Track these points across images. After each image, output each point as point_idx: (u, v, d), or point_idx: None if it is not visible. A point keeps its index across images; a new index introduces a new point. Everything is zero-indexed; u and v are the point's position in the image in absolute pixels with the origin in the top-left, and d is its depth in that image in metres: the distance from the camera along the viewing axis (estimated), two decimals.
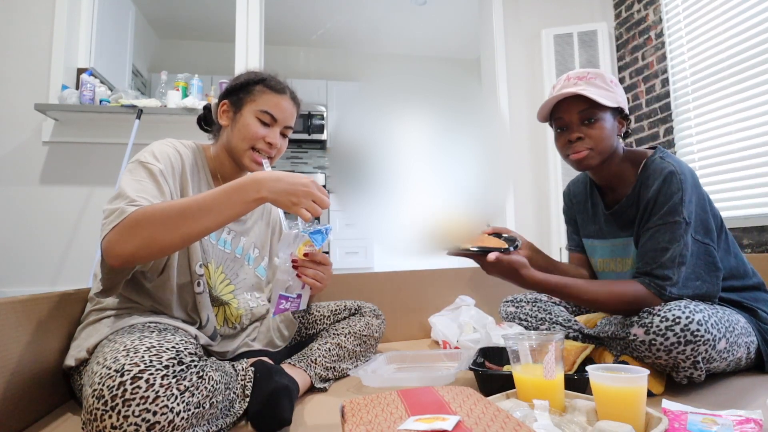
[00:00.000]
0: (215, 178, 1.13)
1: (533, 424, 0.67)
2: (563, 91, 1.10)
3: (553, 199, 2.86)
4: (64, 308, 1.03)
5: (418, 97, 1.16)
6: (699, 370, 0.94)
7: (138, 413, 0.65)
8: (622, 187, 1.17)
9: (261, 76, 1.13)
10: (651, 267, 1.03)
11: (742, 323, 1.02)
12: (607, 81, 1.11)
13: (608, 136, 1.11)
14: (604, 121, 1.10)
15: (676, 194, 1.02)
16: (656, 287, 1.01)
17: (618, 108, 1.12)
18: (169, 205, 0.82)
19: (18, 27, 2.44)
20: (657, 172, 1.07)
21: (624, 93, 1.16)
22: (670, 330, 0.92)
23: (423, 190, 1.15)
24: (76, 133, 2.47)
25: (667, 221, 1.03)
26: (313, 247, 0.95)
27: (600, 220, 1.25)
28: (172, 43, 4.52)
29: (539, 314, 1.29)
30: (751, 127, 2.08)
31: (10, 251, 2.35)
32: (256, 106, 1.08)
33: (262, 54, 2.75)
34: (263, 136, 1.08)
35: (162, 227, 0.81)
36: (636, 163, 1.15)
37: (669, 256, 1.01)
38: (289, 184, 0.85)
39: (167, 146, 1.02)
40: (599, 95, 1.08)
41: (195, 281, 1.02)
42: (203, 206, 0.82)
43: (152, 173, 0.94)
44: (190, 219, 0.82)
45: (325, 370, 1.13)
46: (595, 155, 1.11)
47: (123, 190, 0.88)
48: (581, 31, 2.91)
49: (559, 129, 1.16)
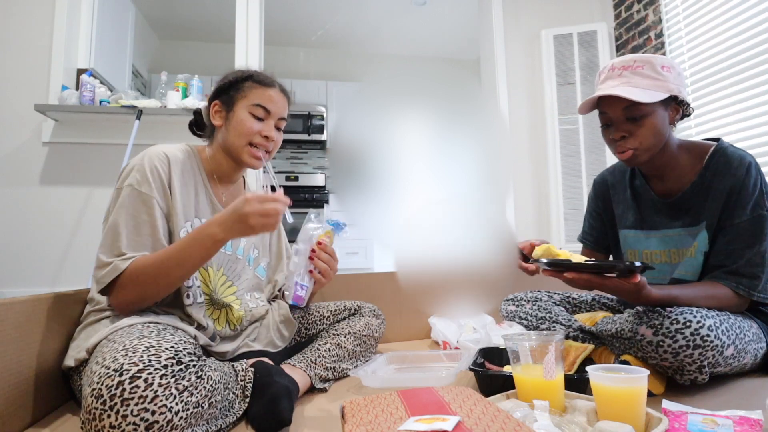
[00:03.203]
0: (211, 179, 1.13)
1: (533, 424, 0.67)
2: (602, 89, 1.03)
3: (553, 199, 2.86)
4: (63, 309, 1.03)
5: (417, 97, 1.16)
6: (703, 374, 0.94)
7: (137, 413, 0.65)
8: (679, 176, 1.10)
9: (248, 72, 1.13)
10: (737, 265, 1.00)
11: (754, 330, 1.01)
12: (657, 68, 1.01)
13: (657, 132, 1.02)
14: (652, 117, 1.01)
15: (760, 185, 0.99)
16: (744, 289, 0.99)
17: (671, 96, 1.02)
18: (158, 261, 0.91)
19: (18, 27, 2.44)
20: (735, 161, 1.02)
21: (680, 75, 1.04)
22: (680, 333, 0.91)
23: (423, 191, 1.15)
24: (76, 134, 2.47)
25: (753, 215, 0.99)
26: (329, 238, 1.04)
27: (646, 209, 1.18)
28: (172, 43, 4.52)
29: (539, 313, 1.29)
30: (750, 127, 2.08)
31: (10, 251, 2.35)
32: (247, 101, 1.08)
33: (262, 55, 2.75)
34: (259, 130, 1.08)
35: (153, 283, 0.91)
36: (695, 152, 1.09)
37: (758, 252, 0.98)
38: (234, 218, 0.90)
39: (157, 160, 1.00)
40: (643, 91, 0.99)
41: (184, 293, 1.01)
42: (182, 258, 0.91)
43: (148, 204, 0.96)
44: (174, 270, 0.91)
45: (325, 371, 1.13)
46: (643, 153, 1.04)
47: (118, 233, 0.93)
48: (581, 32, 2.91)
49: (604, 124, 1.10)
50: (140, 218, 0.95)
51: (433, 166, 1.14)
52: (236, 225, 0.89)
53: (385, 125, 1.14)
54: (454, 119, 1.15)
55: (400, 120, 1.15)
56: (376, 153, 1.14)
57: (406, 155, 1.16)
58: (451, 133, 1.14)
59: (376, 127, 1.14)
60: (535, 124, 3.01)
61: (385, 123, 1.14)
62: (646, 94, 0.99)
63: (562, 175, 2.83)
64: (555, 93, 2.88)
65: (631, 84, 1.01)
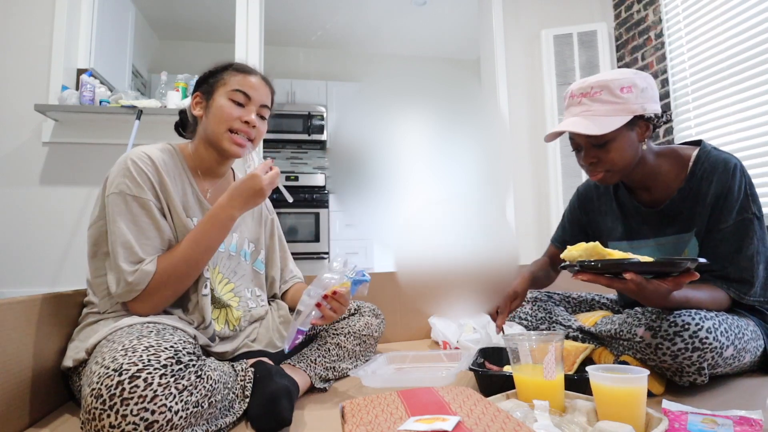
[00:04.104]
0: (195, 175, 1.10)
1: (533, 424, 0.67)
2: (561, 126, 1.04)
3: (553, 199, 2.86)
4: (63, 309, 1.03)
5: (417, 97, 1.16)
6: (703, 376, 0.93)
7: (136, 412, 0.65)
8: (663, 185, 1.10)
9: (228, 62, 1.13)
10: (727, 270, 1.00)
11: (751, 328, 1.01)
12: (615, 91, 1.00)
13: (625, 155, 1.03)
14: (617, 141, 1.01)
15: (744, 187, 0.99)
16: (736, 293, 0.99)
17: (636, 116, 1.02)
18: (185, 253, 0.96)
19: (18, 27, 2.44)
20: (720, 164, 1.01)
21: (645, 90, 1.01)
22: (679, 336, 0.90)
23: (423, 191, 1.15)
24: (76, 134, 2.47)
25: (738, 219, 0.99)
26: (346, 289, 1.00)
27: (633, 220, 1.18)
28: (172, 43, 4.52)
29: (539, 313, 1.29)
30: (750, 127, 2.08)
31: (10, 252, 2.35)
32: (227, 88, 1.07)
33: (261, 55, 2.75)
34: (239, 116, 1.06)
35: (185, 276, 0.96)
36: (676, 159, 1.08)
37: (745, 256, 0.98)
38: (250, 193, 0.98)
39: (141, 162, 0.98)
40: (601, 120, 0.98)
41: (202, 283, 1.01)
42: (202, 246, 0.97)
43: (145, 207, 0.96)
44: (203, 256, 0.97)
45: (325, 370, 1.13)
46: (615, 174, 1.05)
47: (127, 241, 0.93)
48: (581, 32, 2.91)
49: (574, 149, 1.11)
50: (141, 222, 0.95)
51: (433, 166, 1.14)
52: (251, 199, 0.98)
53: (385, 125, 1.14)
54: (454, 119, 1.15)
55: (400, 120, 1.15)
56: (376, 153, 1.14)
57: (406, 155, 1.16)
58: (451, 133, 1.15)
59: (376, 127, 1.14)
60: (535, 124, 3.00)
61: (385, 123, 1.14)
62: (604, 123, 0.98)
63: (562, 175, 2.83)
64: (555, 93, 2.88)
65: (591, 113, 1.01)
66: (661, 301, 0.89)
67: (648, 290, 0.84)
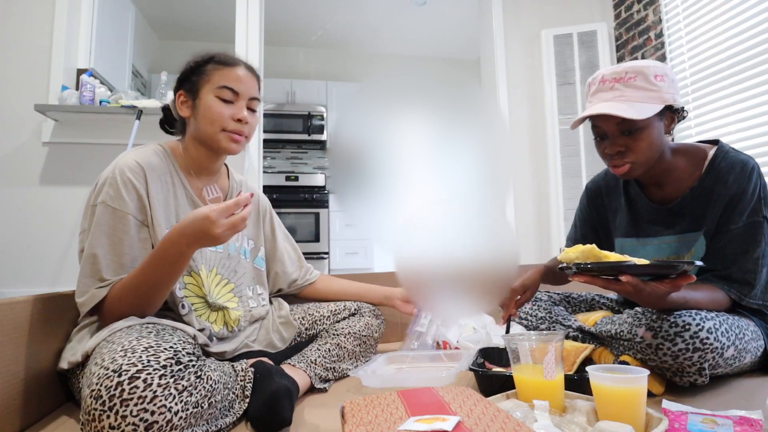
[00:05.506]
0: (188, 174, 1.08)
1: (533, 424, 0.67)
2: (594, 104, 1.00)
3: (553, 199, 2.86)
4: (63, 309, 1.02)
5: (417, 97, 1.16)
6: (703, 377, 0.93)
7: (136, 413, 0.65)
8: (676, 182, 1.08)
9: (209, 54, 1.07)
10: (730, 270, 0.99)
11: (751, 328, 1.00)
12: (650, 78, 0.96)
13: (654, 145, 1.00)
14: (648, 130, 0.98)
15: (759, 190, 0.99)
16: (736, 294, 0.99)
17: (666, 106, 0.99)
18: (134, 284, 0.89)
19: (18, 27, 2.44)
20: (737, 165, 1.00)
21: (674, 81, 1.00)
22: (679, 336, 0.90)
23: (423, 191, 1.15)
24: (76, 134, 2.47)
25: (749, 221, 0.99)
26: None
27: (641, 217, 1.16)
28: (173, 43, 4.52)
29: (539, 313, 1.29)
30: (750, 127, 2.08)
31: (10, 252, 2.35)
32: (212, 84, 1.03)
33: (262, 55, 2.75)
34: (230, 114, 1.02)
35: (136, 305, 0.90)
36: (692, 156, 1.07)
37: (751, 258, 0.98)
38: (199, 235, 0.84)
39: (129, 171, 0.95)
40: (637, 105, 0.95)
41: (179, 304, 1.00)
42: (151, 281, 0.89)
43: (123, 222, 0.93)
44: (153, 289, 0.90)
45: (325, 371, 1.13)
46: (639, 167, 1.02)
47: (95, 256, 0.91)
48: (581, 32, 2.91)
49: (597, 137, 1.07)
50: (116, 236, 0.93)
51: (433, 166, 1.14)
52: (203, 240, 0.85)
53: (385, 125, 1.14)
54: (454, 119, 1.15)
55: (400, 120, 1.15)
56: (376, 153, 1.14)
57: (406, 155, 1.16)
58: (451, 133, 1.14)
59: (376, 127, 1.14)
60: (535, 124, 3.00)
61: (385, 123, 1.14)
62: (640, 108, 0.96)
63: (562, 175, 2.83)
64: (555, 93, 2.88)
65: (624, 98, 0.98)
66: (658, 302, 0.89)
67: (645, 292, 0.84)
